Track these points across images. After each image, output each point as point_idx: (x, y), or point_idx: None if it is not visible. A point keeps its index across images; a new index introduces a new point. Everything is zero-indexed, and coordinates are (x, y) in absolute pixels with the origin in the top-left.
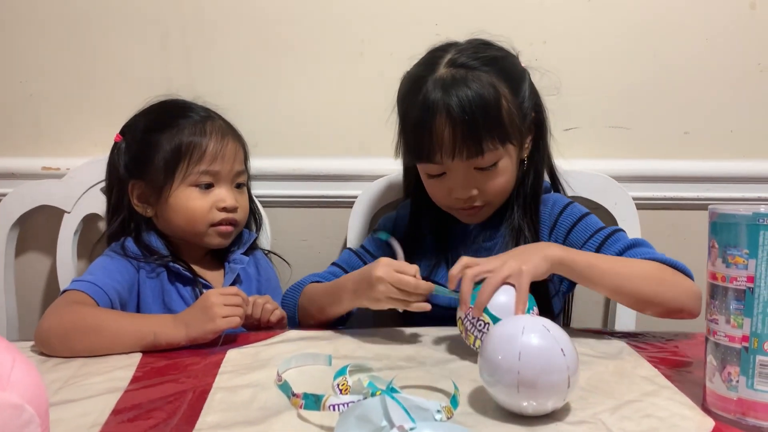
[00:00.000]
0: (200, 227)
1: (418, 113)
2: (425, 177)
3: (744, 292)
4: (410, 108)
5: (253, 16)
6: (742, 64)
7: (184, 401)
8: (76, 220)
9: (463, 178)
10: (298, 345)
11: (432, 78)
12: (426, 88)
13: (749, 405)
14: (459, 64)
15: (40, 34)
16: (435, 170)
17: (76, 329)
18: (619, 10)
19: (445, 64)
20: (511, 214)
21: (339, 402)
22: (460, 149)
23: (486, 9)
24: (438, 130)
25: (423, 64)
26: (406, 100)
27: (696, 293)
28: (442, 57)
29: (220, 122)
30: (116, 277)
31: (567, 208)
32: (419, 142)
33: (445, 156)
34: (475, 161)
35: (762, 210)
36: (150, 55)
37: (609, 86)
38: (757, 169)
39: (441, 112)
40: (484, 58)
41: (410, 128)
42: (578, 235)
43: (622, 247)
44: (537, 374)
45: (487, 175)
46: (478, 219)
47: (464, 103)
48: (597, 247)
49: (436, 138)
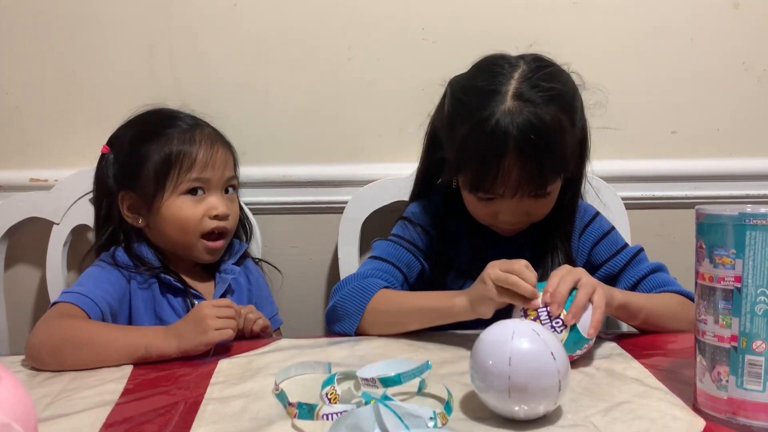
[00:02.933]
0: (191, 237)
1: (484, 147)
2: (472, 197)
3: (732, 292)
4: (474, 138)
5: (240, 24)
6: (728, 64)
7: (176, 413)
8: (65, 232)
9: (516, 206)
10: (290, 354)
11: (499, 111)
12: (493, 120)
13: (739, 404)
14: (527, 99)
15: (26, 45)
16: (488, 196)
17: (66, 343)
18: (605, 12)
19: (512, 96)
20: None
21: (333, 411)
22: (524, 186)
23: (472, 13)
24: (506, 168)
25: (485, 91)
26: (466, 123)
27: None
28: (506, 84)
29: (208, 130)
30: (107, 288)
31: (595, 220)
32: (483, 175)
33: (507, 191)
34: (533, 193)
35: (748, 210)
36: (137, 65)
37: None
38: (744, 166)
39: (511, 152)
40: (550, 93)
41: (473, 159)
42: (603, 250)
43: (646, 271)
44: (528, 379)
45: (539, 203)
46: (516, 232)
47: (534, 144)
48: (622, 266)
49: (501, 175)
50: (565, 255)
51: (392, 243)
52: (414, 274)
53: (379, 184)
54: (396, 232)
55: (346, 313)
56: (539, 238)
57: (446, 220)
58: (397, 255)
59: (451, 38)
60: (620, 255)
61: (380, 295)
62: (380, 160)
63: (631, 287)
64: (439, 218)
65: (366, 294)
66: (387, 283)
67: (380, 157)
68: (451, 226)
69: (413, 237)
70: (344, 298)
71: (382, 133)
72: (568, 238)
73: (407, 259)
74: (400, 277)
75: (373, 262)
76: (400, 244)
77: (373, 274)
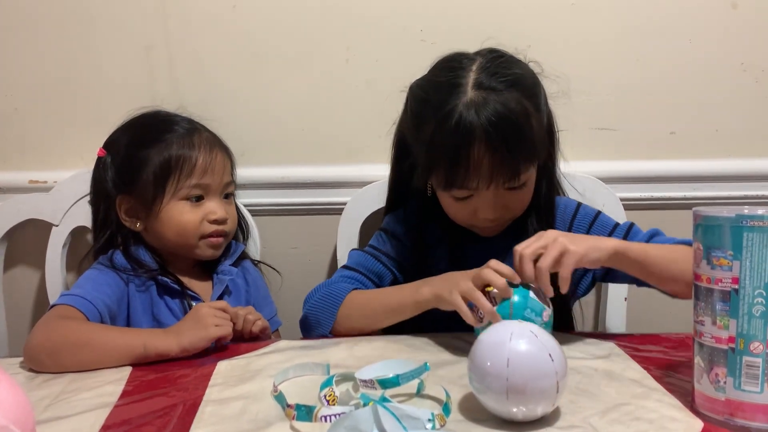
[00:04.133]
0: (191, 240)
1: (451, 141)
2: (448, 199)
3: (729, 294)
4: (440, 133)
5: (237, 25)
6: (726, 64)
7: (175, 415)
8: (65, 233)
9: (493, 200)
10: (288, 355)
11: (462, 102)
12: (457, 113)
13: (737, 405)
14: (487, 87)
15: (25, 47)
16: (463, 194)
17: (65, 344)
18: (603, 13)
19: (473, 86)
20: (528, 220)
21: (331, 413)
22: (497, 176)
23: (470, 15)
24: (476, 158)
25: (445, 86)
26: (430, 121)
27: None
28: (465, 77)
29: (206, 134)
30: (105, 290)
31: (579, 210)
32: (454, 170)
33: (481, 183)
34: (508, 184)
35: (746, 212)
36: (135, 66)
37: (594, 88)
38: (743, 167)
39: (479, 141)
40: (510, 78)
41: (443, 155)
42: (597, 234)
43: (645, 239)
44: (526, 380)
45: (515, 195)
46: (497, 231)
47: (501, 131)
48: None
49: (473, 166)
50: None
51: (365, 254)
52: (386, 283)
53: (378, 186)
54: (371, 243)
55: (317, 321)
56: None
57: (423, 229)
58: (368, 265)
59: (450, 39)
60: (615, 233)
61: (349, 298)
62: (379, 161)
63: None
64: (415, 227)
65: (336, 299)
66: (356, 286)
67: (379, 159)
68: (428, 234)
69: (388, 248)
70: (315, 306)
71: (381, 134)
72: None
73: (378, 269)
74: (372, 286)
75: (343, 271)
76: (373, 254)
77: (342, 280)
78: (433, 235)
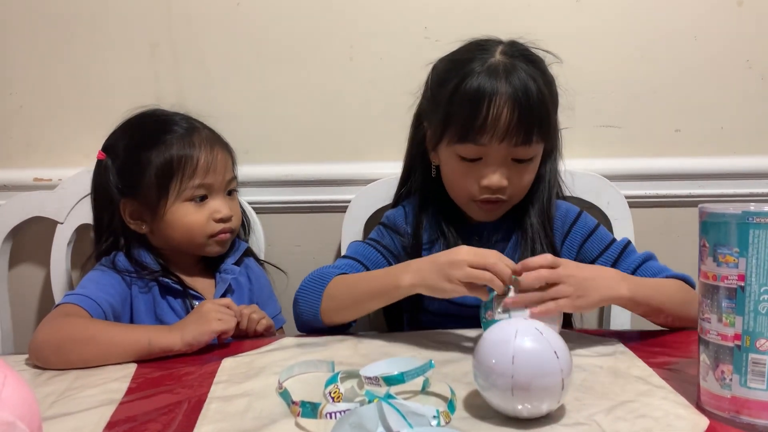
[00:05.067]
0: (199, 239)
1: (476, 90)
2: (455, 161)
3: (735, 291)
4: (464, 84)
5: (242, 22)
6: (731, 61)
7: (180, 412)
8: (69, 231)
9: (499, 165)
10: (293, 352)
11: (490, 60)
12: (483, 68)
13: (743, 403)
14: (513, 55)
15: (29, 46)
16: (472, 153)
17: (70, 340)
18: (608, 10)
19: (500, 53)
20: (526, 215)
21: (336, 410)
22: (512, 133)
23: (475, 11)
24: (497, 108)
25: (473, 50)
26: (455, 77)
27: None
28: (493, 47)
29: (205, 132)
30: (109, 291)
31: (580, 219)
32: (472, 117)
33: (495, 137)
34: (518, 150)
35: (752, 208)
36: (139, 64)
37: (599, 86)
38: (748, 165)
39: (502, 92)
40: (534, 59)
41: (463, 103)
42: (592, 247)
43: (638, 262)
44: (531, 377)
45: (520, 169)
46: (494, 216)
47: (526, 89)
48: (612, 262)
49: (492, 116)
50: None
51: (364, 244)
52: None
53: (382, 183)
54: (371, 237)
55: (306, 303)
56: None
57: (422, 222)
58: (365, 254)
59: (454, 38)
60: (610, 250)
61: (335, 280)
62: (382, 159)
63: None
64: (416, 219)
65: (323, 281)
66: (343, 271)
67: (382, 156)
68: (427, 231)
69: (387, 241)
70: (303, 288)
71: (385, 131)
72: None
73: (375, 258)
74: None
75: (340, 260)
76: (371, 245)
77: (335, 266)
78: (431, 232)
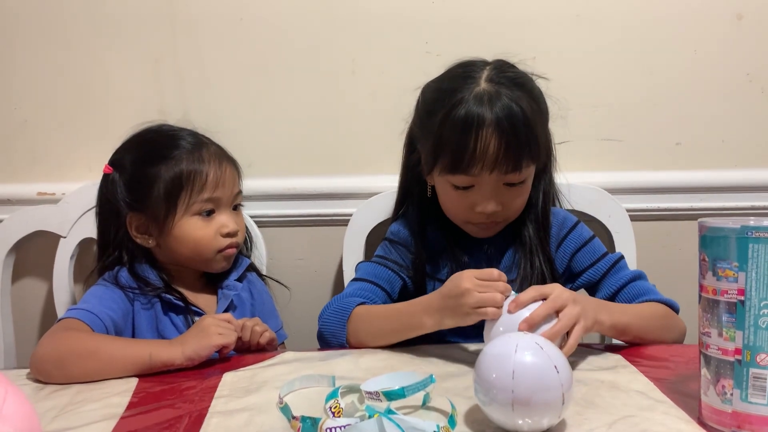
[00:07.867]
0: (207, 254)
1: (462, 121)
2: (448, 188)
3: (735, 305)
4: (451, 116)
5: (245, 37)
6: (732, 75)
7: (181, 427)
8: (72, 245)
9: (492, 193)
10: (294, 366)
11: (475, 90)
12: (469, 98)
13: (744, 418)
14: (498, 82)
15: (34, 60)
16: (464, 182)
17: (71, 353)
18: (608, 24)
19: (486, 80)
20: (524, 226)
21: (336, 425)
22: (501, 163)
23: (476, 26)
24: (484, 140)
25: (459, 77)
26: (442, 108)
27: (683, 332)
28: (478, 72)
29: (213, 147)
30: (111, 306)
31: (576, 228)
32: (460, 151)
33: (485, 168)
34: (509, 177)
35: (751, 223)
36: (143, 78)
37: (600, 99)
38: (750, 178)
39: (489, 124)
40: (520, 81)
41: (452, 136)
42: (584, 258)
43: (625, 280)
44: (531, 392)
45: (513, 192)
46: (491, 233)
47: (512, 118)
48: (602, 274)
49: (480, 149)
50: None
51: (373, 263)
52: (396, 289)
53: (384, 196)
54: (378, 253)
55: (332, 335)
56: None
57: (425, 234)
58: (377, 273)
59: (455, 51)
60: (601, 263)
61: (355, 312)
62: (384, 173)
63: (612, 295)
64: (418, 233)
65: (344, 313)
66: (364, 299)
67: (384, 170)
68: (431, 240)
69: (394, 256)
70: (327, 321)
71: (387, 145)
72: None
73: (387, 276)
74: (382, 294)
75: (354, 284)
76: (381, 263)
77: (353, 293)
78: (435, 240)
